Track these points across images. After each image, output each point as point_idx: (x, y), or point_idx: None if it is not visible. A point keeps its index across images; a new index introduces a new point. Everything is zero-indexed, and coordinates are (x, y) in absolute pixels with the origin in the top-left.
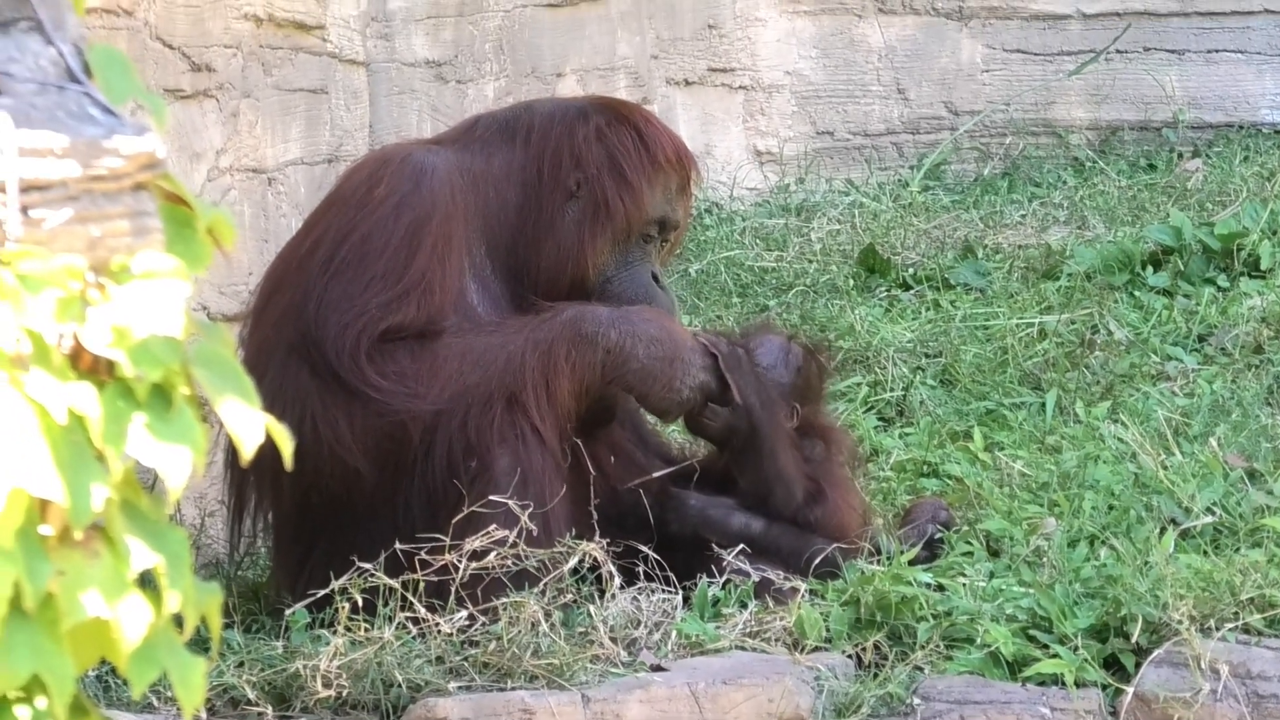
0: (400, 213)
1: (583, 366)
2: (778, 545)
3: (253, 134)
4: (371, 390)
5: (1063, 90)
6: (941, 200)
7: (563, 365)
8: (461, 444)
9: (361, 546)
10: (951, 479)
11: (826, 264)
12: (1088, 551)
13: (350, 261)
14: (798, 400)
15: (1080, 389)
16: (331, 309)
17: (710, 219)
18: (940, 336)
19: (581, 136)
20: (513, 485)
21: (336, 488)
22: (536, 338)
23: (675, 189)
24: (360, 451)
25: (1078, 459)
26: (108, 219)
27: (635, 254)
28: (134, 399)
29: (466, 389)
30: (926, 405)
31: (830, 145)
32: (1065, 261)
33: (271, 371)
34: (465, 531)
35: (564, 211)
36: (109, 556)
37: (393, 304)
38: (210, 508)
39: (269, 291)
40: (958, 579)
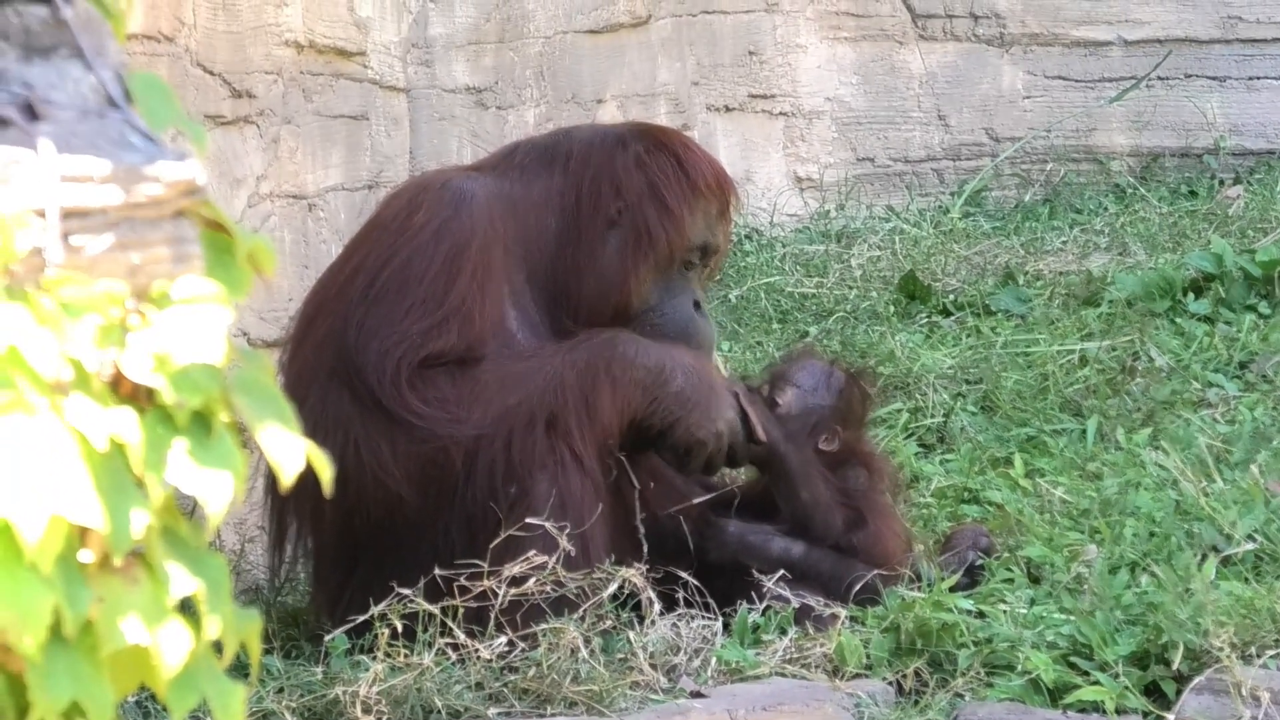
0: (440, 239)
1: (624, 385)
2: (818, 571)
3: (293, 160)
4: (413, 417)
5: (1104, 117)
6: (982, 226)
7: (604, 383)
8: (502, 468)
9: (401, 572)
10: (992, 505)
11: (867, 290)
12: (1129, 578)
13: (390, 288)
14: (839, 424)
15: (1121, 415)
16: (372, 335)
17: (750, 245)
18: (981, 363)
19: (621, 164)
20: (551, 509)
21: (378, 513)
22: (575, 358)
23: (716, 214)
24: (403, 477)
25: (1119, 485)
26: (148, 245)
27: (677, 282)
28: (174, 425)
29: (507, 411)
30: (967, 431)
31: (871, 171)
32: (1106, 288)
33: (312, 397)
34: (504, 557)
35: (605, 240)
36: (148, 583)
37: (433, 330)
38: (250, 534)
39: (309, 318)
40: (998, 606)
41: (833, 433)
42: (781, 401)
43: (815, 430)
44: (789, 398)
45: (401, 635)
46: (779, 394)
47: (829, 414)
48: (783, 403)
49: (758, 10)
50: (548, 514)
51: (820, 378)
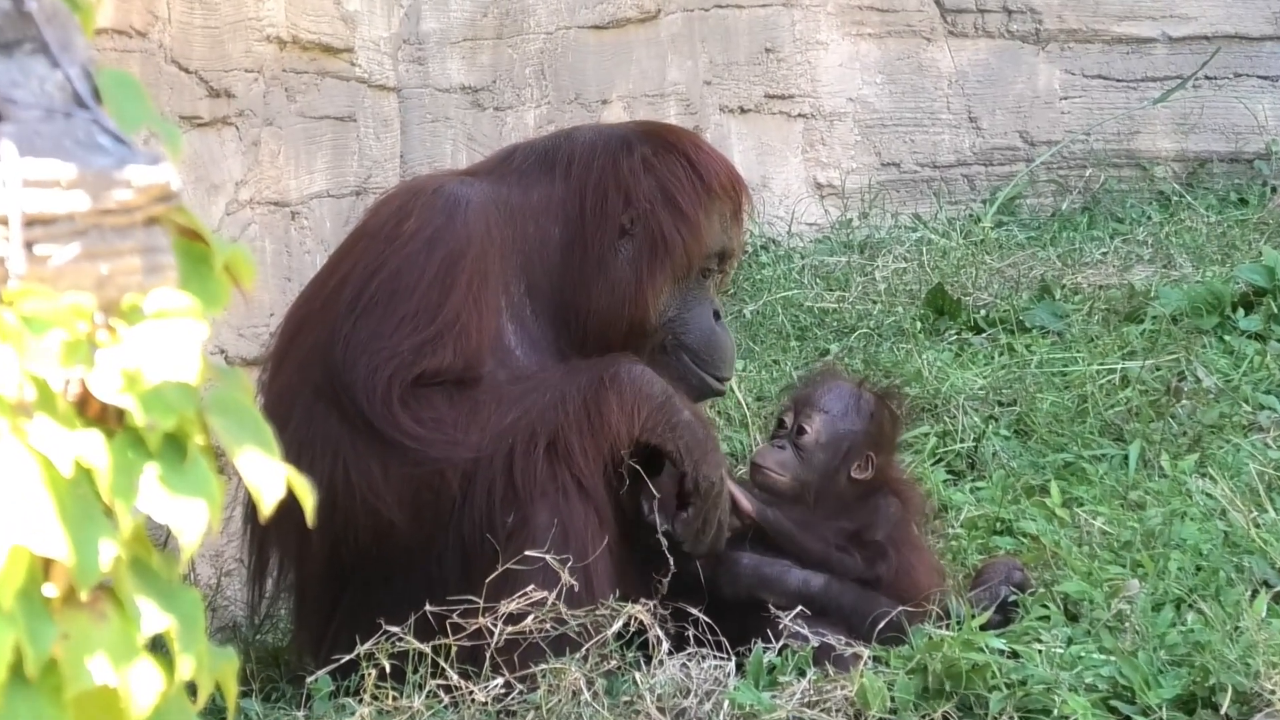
0: (433, 248)
1: (632, 409)
2: (839, 606)
3: (275, 164)
4: (406, 438)
5: (1147, 119)
6: (1016, 237)
7: (610, 394)
8: (500, 494)
9: (390, 607)
10: (1026, 537)
11: (892, 305)
12: (1173, 616)
13: (379, 300)
14: (872, 449)
15: (1166, 440)
16: (360, 350)
17: (767, 256)
18: (1014, 383)
19: (628, 168)
20: (552, 540)
21: (367, 542)
22: (581, 380)
23: (730, 216)
24: (395, 502)
25: (1163, 516)
26: (118, 255)
27: (695, 291)
28: (145, 449)
29: (506, 431)
30: (1000, 457)
31: (896, 177)
32: (1150, 303)
33: (296, 418)
34: (502, 591)
35: (616, 250)
36: (117, 619)
37: (426, 346)
38: (227, 566)
39: (292, 332)
40: (1033, 645)
41: (866, 459)
42: (809, 429)
43: (847, 457)
44: (817, 424)
45: (390, 676)
46: (805, 420)
47: (861, 439)
48: (811, 430)
49: (775, 4)
50: (548, 545)
51: (849, 400)
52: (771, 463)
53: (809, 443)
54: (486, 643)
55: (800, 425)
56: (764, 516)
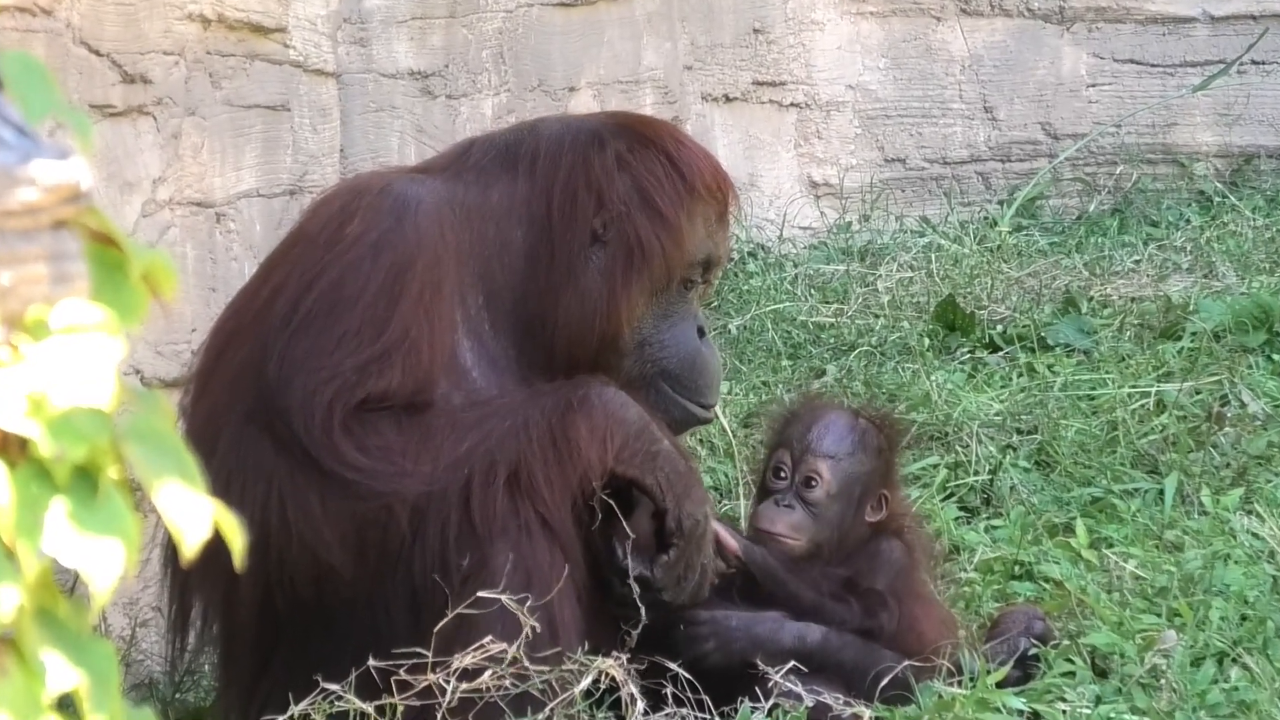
0: (379, 254)
1: (605, 436)
2: (839, 661)
3: (198, 160)
4: (349, 469)
5: (1185, 109)
6: (1037, 243)
7: (581, 432)
8: (455, 532)
9: (329, 661)
10: (1049, 582)
11: (896, 320)
12: (1215, 672)
13: (318, 313)
14: (885, 488)
15: (1206, 473)
16: (297, 370)
17: (755, 264)
18: (1035, 408)
19: (600, 166)
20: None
21: (304, 587)
22: (547, 404)
23: (715, 220)
24: (335, 542)
25: (1203, 558)
26: (21, 263)
27: (675, 304)
28: (52, 483)
29: (461, 460)
30: (1018, 492)
31: (901, 175)
32: (1189, 318)
33: (224, 446)
34: (455, 642)
35: (586, 258)
36: (20, 675)
37: (371, 365)
38: (144, 615)
39: (218, 349)
40: (1056, 705)
41: (880, 500)
42: (818, 481)
43: (861, 502)
44: (826, 474)
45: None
46: (808, 469)
47: (874, 479)
48: (821, 482)
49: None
50: (507, 589)
51: (852, 436)
52: (783, 527)
53: (819, 497)
54: (438, 702)
55: (806, 476)
56: (750, 557)
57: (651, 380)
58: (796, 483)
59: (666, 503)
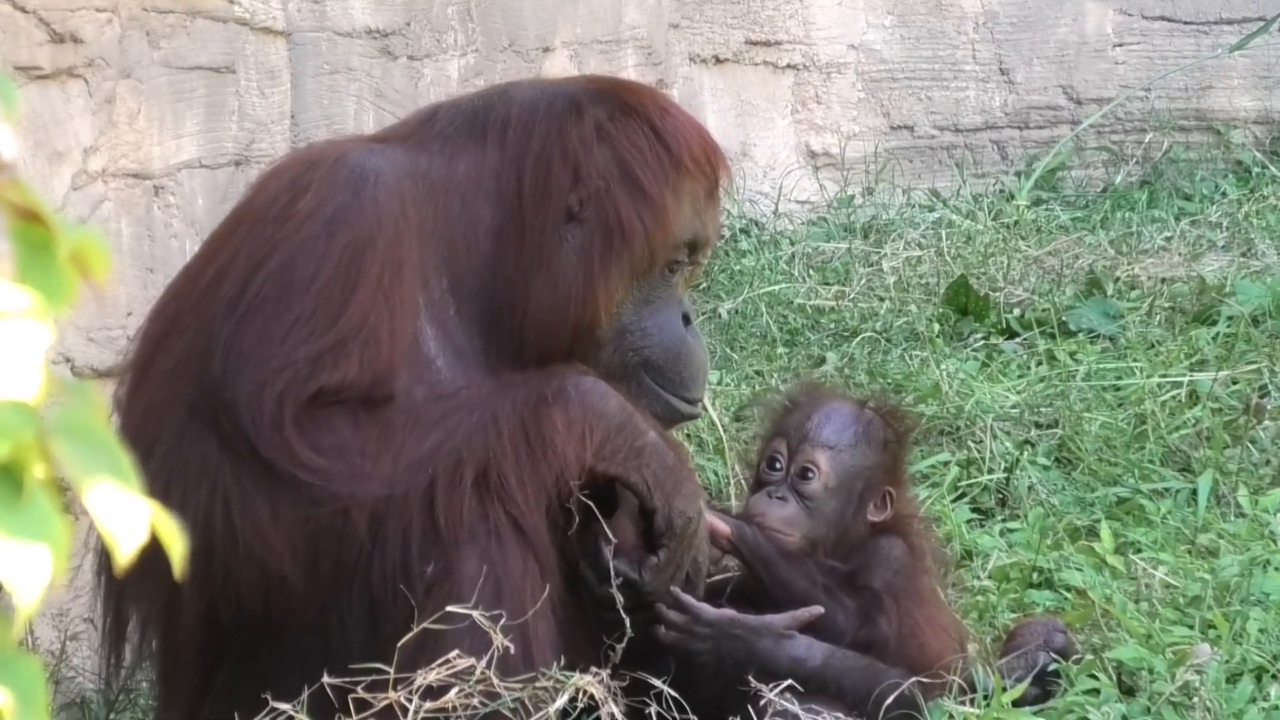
0: (334, 232)
1: (583, 431)
2: (838, 687)
3: (134, 127)
4: (302, 469)
5: (1221, 71)
6: (1058, 218)
7: (556, 427)
8: (418, 538)
9: (279, 678)
10: (1070, 591)
11: (903, 303)
12: (1253, 689)
13: (268, 297)
14: (890, 484)
15: (1244, 471)
16: (245, 360)
17: (748, 242)
18: (1056, 400)
19: (577, 136)
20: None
21: (251, 599)
22: (519, 397)
23: (704, 197)
24: (286, 550)
25: (1240, 565)
26: None
27: (658, 289)
28: None
29: (424, 459)
30: (1037, 492)
31: (909, 144)
32: (1224, 300)
33: (164, 444)
34: (419, 658)
35: (561, 237)
36: None
37: (326, 356)
38: (74, 628)
39: (158, 336)
40: None
41: (884, 498)
42: (816, 473)
43: (863, 499)
44: (825, 466)
45: None
46: (805, 460)
47: (878, 475)
48: (818, 474)
49: None
50: (477, 600)
51: (856, 427)
52: (775, 521)
53: (816, 490)
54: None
55: (803, 467)
56: (742, 537)
57: (632, 372)
58: (792, 474)
59: (654, 500)
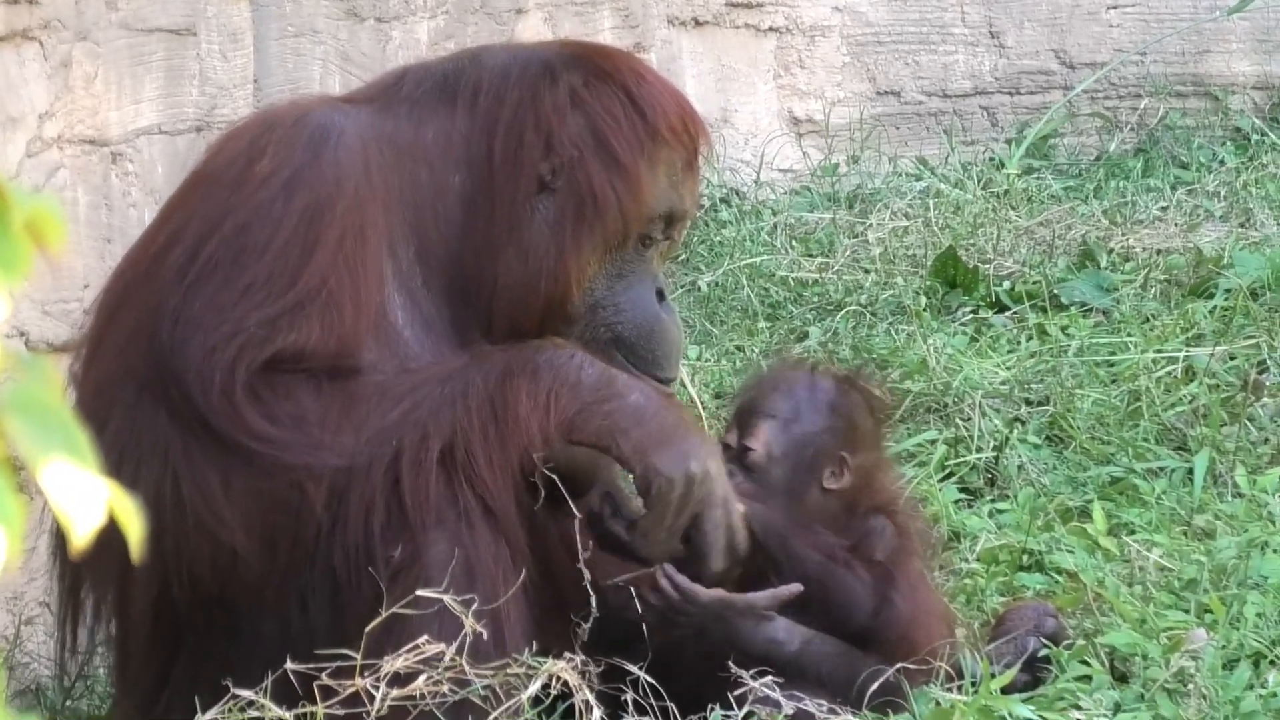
0: (291, 194)
1: (548, 404)
2: (816, 674)
3: (90, 91)
4: (254, 440)
5: (1219, 34)
6: (1050, 187)
7: (521, 384)
8: (382, 516)
9: (240, 664)
10: (1062, 574)
11: (889, 275)
12: (1250, 675)
13: (221, 262)
14: (845, 449)
15: (1242, 450)
16: (195, 328)
17: (728, 212)
18: (1047, 376)
19: (550, 103)
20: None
21: (207, 578)
22: (487, 369)
23: (682, 168)
24: (240, 526)
25: (1238, 547)
26: None
27: (632, 263)
28: None
29: (387, 431)
30: (1027, 471)
31: (896, 110)
32: (1222, 272)
33: (117, 418)
34: (385, 644)
35: (532, 208)
36: None
37: (282, 319)
38: (29, 612)
39: (112, 308)
40: (1070, 713)
41: (839, 462)
42: (754, 444)
43: (814, 467)
44: (763, 435)
45: None
46: (748, 433)
47: (827, 440)
48: (757, 444)
49: None
50: (447, 585)
51: (800, 394)
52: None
53: (759, 461)
54: (365, 710)
55: (745, 439)
56: (753, 514)
57: (603, 348)
58: (737, 448)
59: (632, 463)
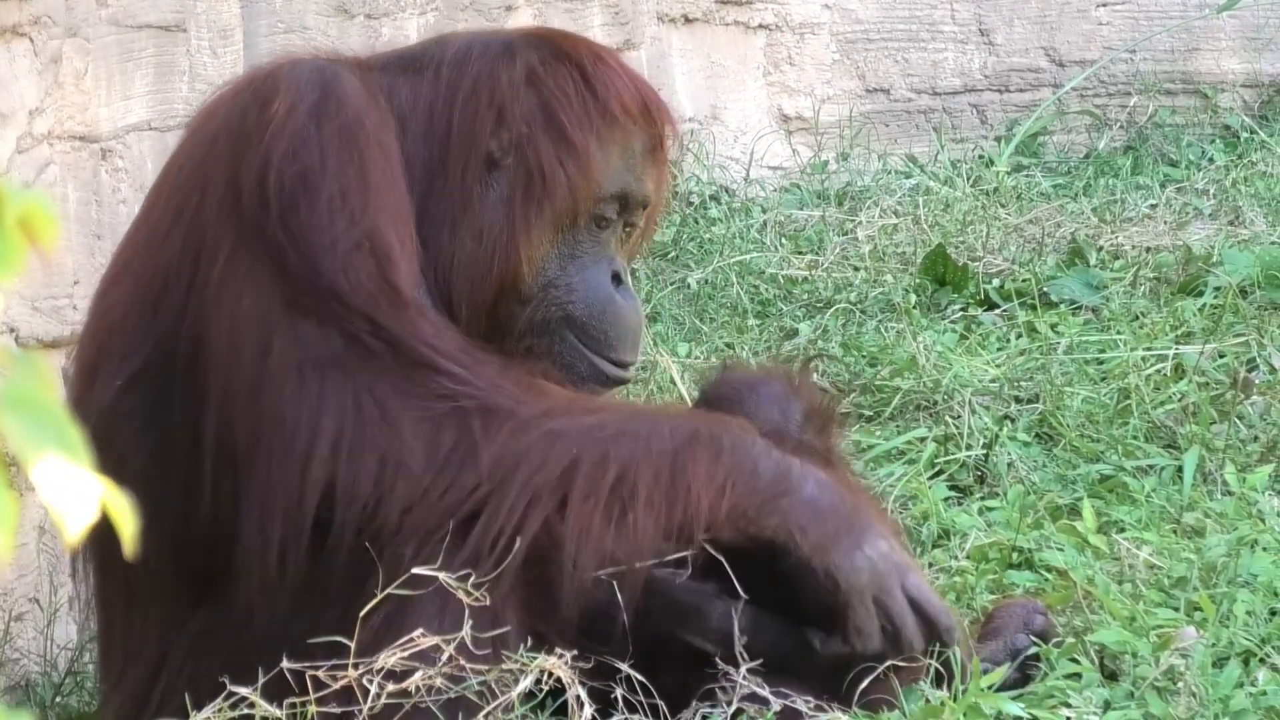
0: (320, 121)
1: (729, 489)
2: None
3: (80, 88)
4: (429, 349)
5: (1209, 32)
6: (1039, 185)
7: (702, 473)
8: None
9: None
10: (1051, 572)
11: (879, 273)
12: (1241, 674)
13: (292, 189)
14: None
15: (1231, 448)
16: (320, 251)
17: (718, 209)
18: (1036, 374)
19: (507, 79)
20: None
21: (368, 491)
22: (677, 424)
23: (641, 152)
24: (411, 437)
25: (1227, 545)
26: None
27: (586, 244)
28: None
29: (568, 437)
30: (1017, 469)
31: (885, 107)
32: (1211, 270)
33: (278, 344)
34: (382, 636)
35: (485, 185)
36: None
37: (388, 230)
38: (19, 609)
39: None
40: (1059, 711)
41: None
42: None
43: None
44: None
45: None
46: None
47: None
48: None
49: None
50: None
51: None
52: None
53: None
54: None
55: None
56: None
57: (555, 328)
58: None
59: (813, 563)
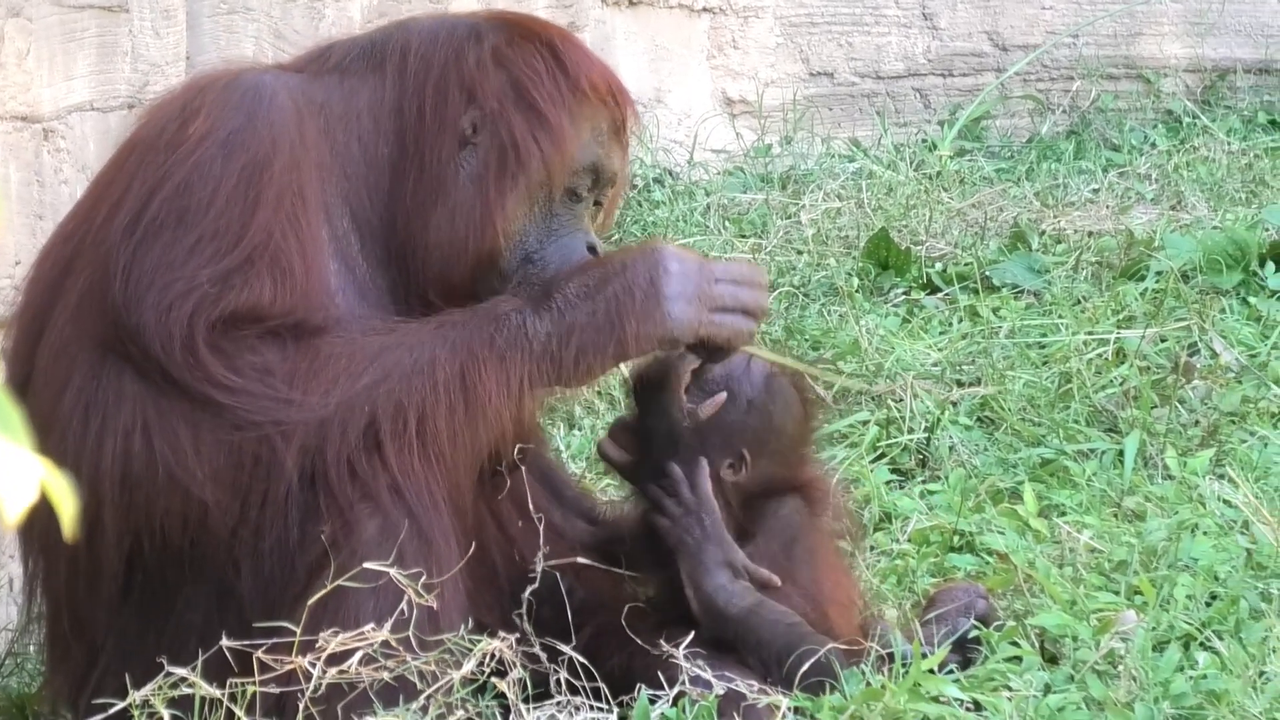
0: (229, 154)
1: (525, 389)
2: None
3: (22, 68)
4: (220, 392)
5: (1151, 17)
6: (982, 169)
7: (493, 390)
8: (345, 483)
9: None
10: (992, 555)
11: (822, 256)
12: (1181, 657)
13: (165, 222)
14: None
15: (1172, 432)
16: (147, 287)
17: (661, 192)
18: (978, 358)
19: (474, 60)
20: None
21: (178, 533)
22: (453, 341)
23: (608, 131)
24: (211, 480)
25: (1168, 529)
26: None
27: (562, 217)
28: None
29: (358, 398)
30: (958, 453)
31: (829, 91)
32: (1153, 255)
33: (78, 379)
34: (321, 619)
35: (458, 165)
36: None
37: (234, 275)
38: None
39: (53, 280)
40: (1000, 693)
41: (739, 458)
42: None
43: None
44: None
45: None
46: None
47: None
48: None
49: None
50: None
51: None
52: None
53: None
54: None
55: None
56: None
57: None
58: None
59: (629, 349)
